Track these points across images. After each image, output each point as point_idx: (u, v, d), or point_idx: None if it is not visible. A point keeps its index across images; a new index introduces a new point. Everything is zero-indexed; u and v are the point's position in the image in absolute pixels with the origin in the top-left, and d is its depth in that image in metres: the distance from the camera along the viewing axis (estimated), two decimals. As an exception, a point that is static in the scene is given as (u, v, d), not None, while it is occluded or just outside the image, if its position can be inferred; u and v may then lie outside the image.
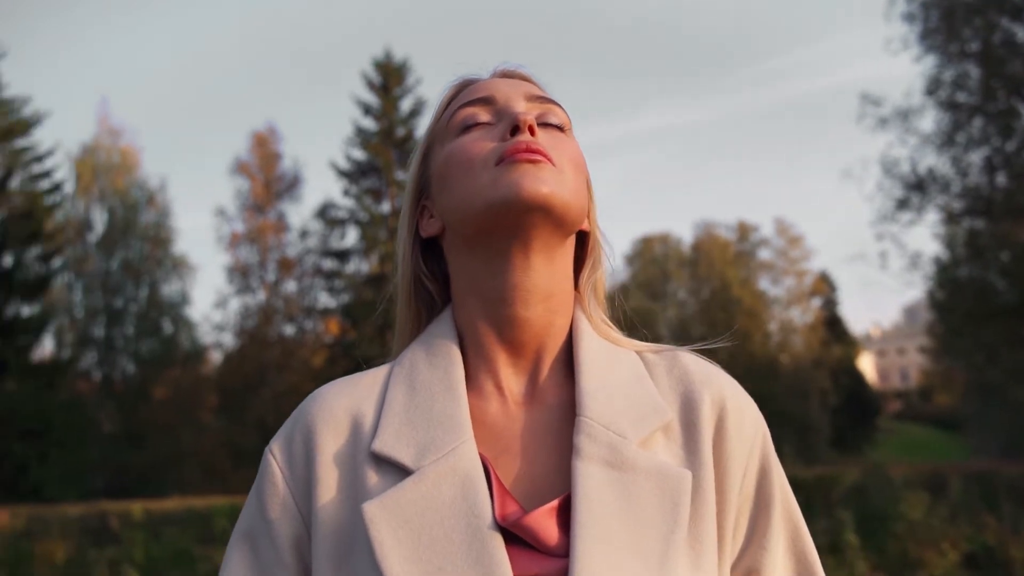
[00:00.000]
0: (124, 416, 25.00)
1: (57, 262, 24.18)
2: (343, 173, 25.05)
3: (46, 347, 24.95)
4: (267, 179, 27.12)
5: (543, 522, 0.78)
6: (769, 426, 0.93)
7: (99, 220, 27.06)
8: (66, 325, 25.93)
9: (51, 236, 23.29)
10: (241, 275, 26.72)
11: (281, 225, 27.19)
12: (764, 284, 32.84)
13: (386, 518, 0.79)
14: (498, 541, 0.77)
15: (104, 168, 27.16)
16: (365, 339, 22.15)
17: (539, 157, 0.86)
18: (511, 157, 0.86)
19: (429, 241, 0.98)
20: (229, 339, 27.49)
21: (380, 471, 0.84)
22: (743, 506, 0.88)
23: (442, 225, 0.94)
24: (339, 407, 0.90)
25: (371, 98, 25.20)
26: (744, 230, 33.24)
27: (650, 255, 34.09)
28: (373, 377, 0.93)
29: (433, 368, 0.90)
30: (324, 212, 25.61)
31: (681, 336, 31.35)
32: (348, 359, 22.62)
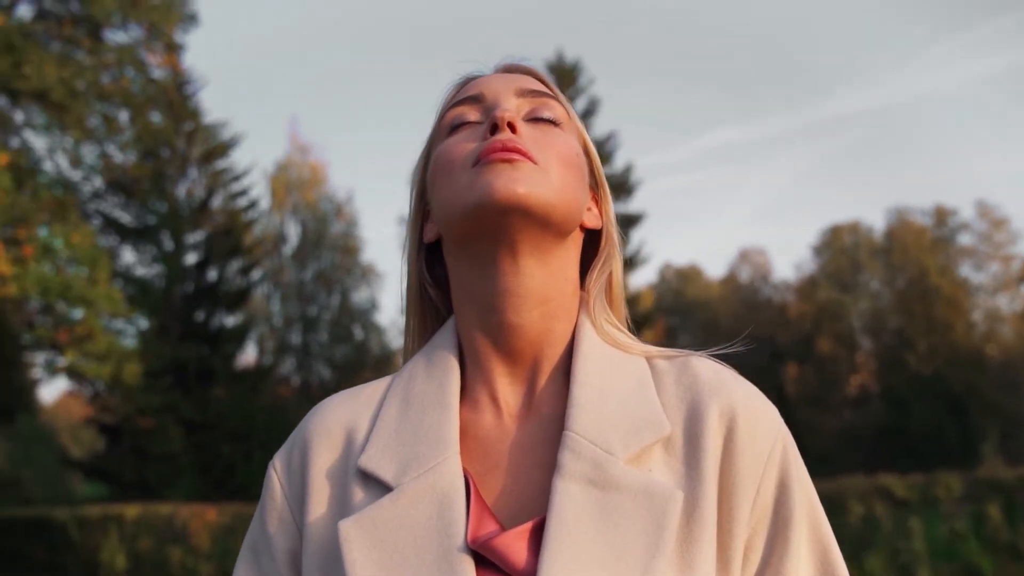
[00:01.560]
0: (323, 419, 26.28)
1: (256, 274, 25.66)
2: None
3: (249, 355, 26.65)
4: (445, 187, 27.80)
5: (513, 545, 0.74)
6: (973, 420, 0.81)
7: (293, 233, 28.63)
8: (266, 333, 27.56)
9: (250, 250, 24.76)
10: (424, 281, 27.51)
11: (459, 231, 27.78)
12: (966, 271, 30.76)
13: (360, 536, 0.76)
14: (467, 564, 0.73)
15: (296, 183, 28.68)
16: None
17: (515, 156, 0.81)
18: (486, 158, 0.82)
19: (435, 247, 0.95)
20: (415, 343, 28.35)
21: (365, 487, 0.81)
22: (758, 525, 0.79)
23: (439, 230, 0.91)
24: (335, 421, 0.88)
25: (543, 101, 25.36)
26: (942, 215, 31.25)
27: (839, 245, 32.63)
28: (373, 389, 0.91)
29: (429, 380, 0.87)
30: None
31: (875, 329, 29.82)
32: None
